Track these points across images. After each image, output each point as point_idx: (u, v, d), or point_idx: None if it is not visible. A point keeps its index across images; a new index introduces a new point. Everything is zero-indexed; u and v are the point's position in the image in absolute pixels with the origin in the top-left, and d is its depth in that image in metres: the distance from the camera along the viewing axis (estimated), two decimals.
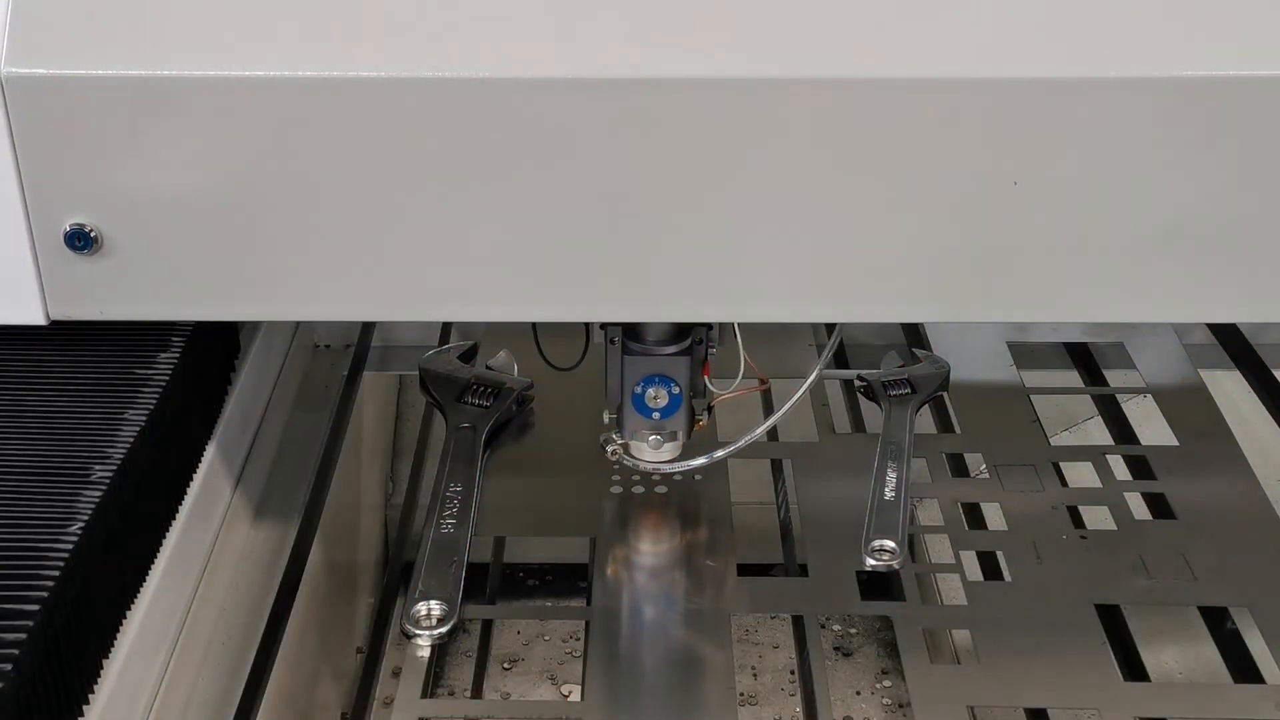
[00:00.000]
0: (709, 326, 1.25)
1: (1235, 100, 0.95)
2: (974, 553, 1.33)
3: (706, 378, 1.28)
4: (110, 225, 0.99)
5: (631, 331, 1.25)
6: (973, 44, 0.95)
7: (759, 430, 1.32)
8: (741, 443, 1.33)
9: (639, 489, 1.36)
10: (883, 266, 1.01)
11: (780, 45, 0.95)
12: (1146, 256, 1.00)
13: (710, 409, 1.32)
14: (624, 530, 1.32)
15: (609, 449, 1.34)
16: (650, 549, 1.31)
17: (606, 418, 1.33)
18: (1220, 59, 0.94)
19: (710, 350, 1.27)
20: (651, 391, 1.26)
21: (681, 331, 1.25)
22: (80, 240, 0.99)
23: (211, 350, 1.29)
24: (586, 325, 1.28)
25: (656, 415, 1.27)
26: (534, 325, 1.34)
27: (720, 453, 1.33)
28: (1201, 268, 1.01)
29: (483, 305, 1.04)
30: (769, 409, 1.42)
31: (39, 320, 1.03)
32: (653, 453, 1.31)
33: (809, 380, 1.29)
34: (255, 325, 1.45)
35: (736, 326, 1.24)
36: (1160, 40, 0.95)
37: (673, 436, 1.30)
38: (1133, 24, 0.95)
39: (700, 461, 1.33)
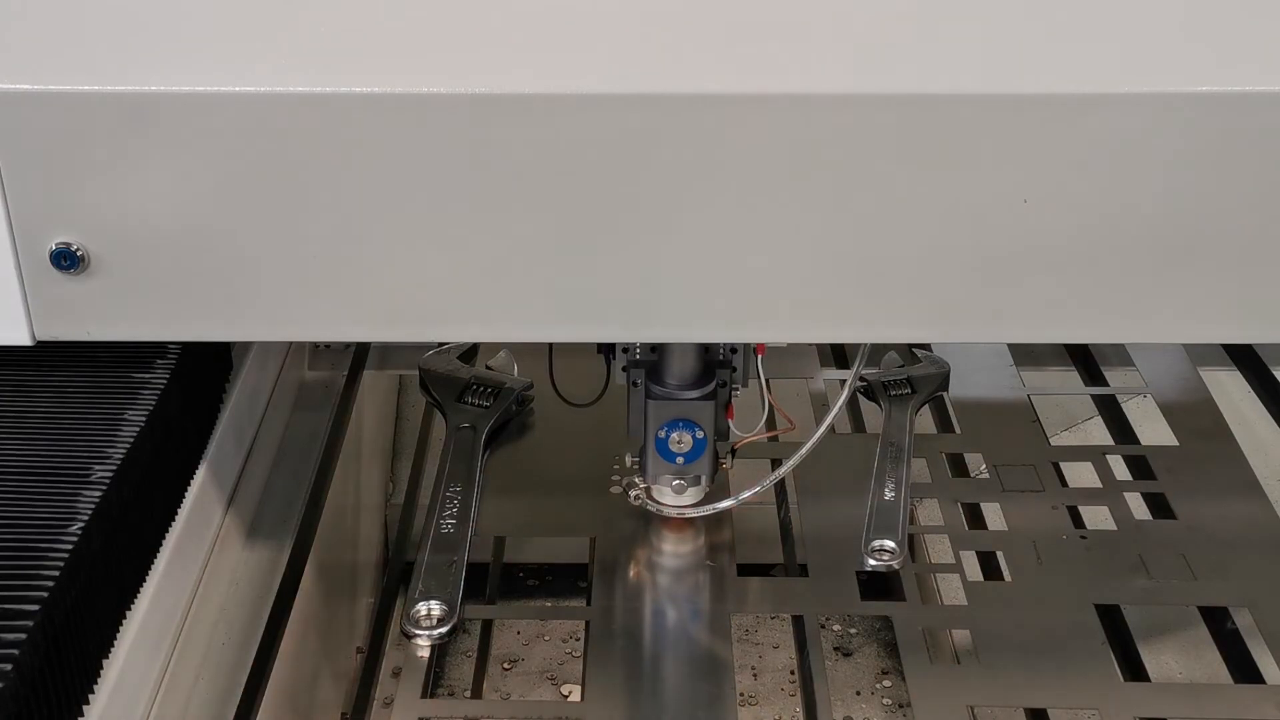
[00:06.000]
0: (732, 368, 1.24)
1: (1248, 117, 0.94)
2: (974, 553, 1.33)
3: (730, 420, 1.26)
4: (97, 245, 0.97)
5: (654, 374, 1.23)
6: (978, 60, 0.93)
7: (801, 453, 1.28)
8: (775, 477, 1.31)
9: (631, 500, 1.36)
10: (890, 287, 0.99)
11: (783, 61, 0.94)
12: (1157, 277, 0.99)
13: (734, 452, 1.31)
14: (624, 530, 1.32)
15: (632, 494, 1.31)
16: (650, 549, 1.31)
17: (629, 460, 1.32)
18: (1232, 74, 0.93)
19: (734, 392, 1.25)
20: (675, 436, 1.24)
21: (705, 374, 1.23)
22: (66, 260, 0.97)
23: (211, 350, 1.29)
24: (608, 363, 1.26)
25: (680, 460, 1.25)
26: (550, 359, 1.32)
27: (746, 493, 1.30)
28: (1212, 288, 0.99)
29: (474, 326, 1.03)
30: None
31: (24, 341, 1.00)
32: (675, 497, 1.29)
33: (842, 397, 1.26)
34: None
35: (761, 370, 1.23)
36: (1172, 56, 0.94)
37: (696, 481, 1.28)
38: (1143, 39, 0.94)
39: (727, 504, 1.30)
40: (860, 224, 0.97)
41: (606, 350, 1.26)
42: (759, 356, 1.24)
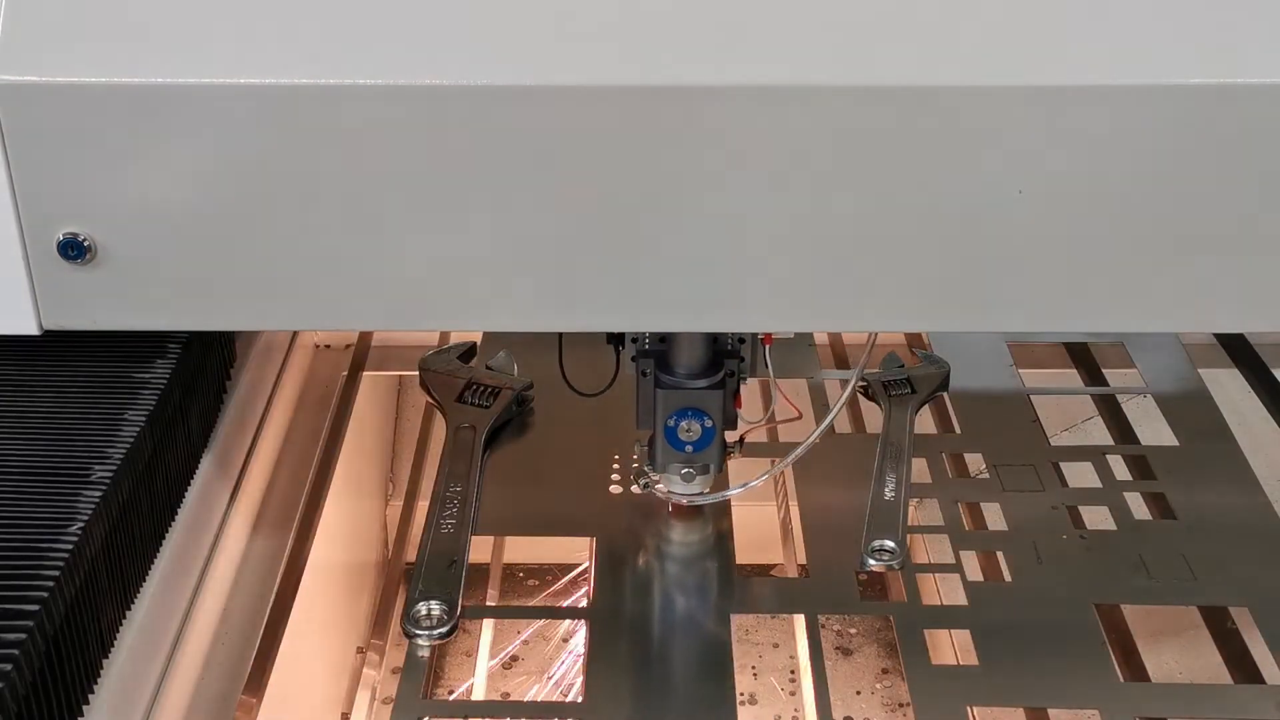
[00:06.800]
0: (740, 358, 1.25)
1: (1238, 108, 0.94)
2: (974, 553, 1.33)
3: (739, 410, 1.27)
4: (104, 234, 0.98)
5: (663, 364, 1.24)
6: (973, 52, 0.94)
7: (798, 451, 1.30)
8: (773, 470, 1.32)
9: (639, 489, 1.36)
10: (885, 277, 0.99)
11: (782, 53, 0.94)
12: (1153, 266, 0.99)
13: (742, 440, 1.31)
14: (624, 530, 1.32)
15: (641, 481, 1.33)
16: (650, 549, 1.31)
17: (637, 450, 1.32)
18: (1225, 66, 0.93)
19: (742, 381, 1.26)
20: (684, 425, 1.24)
21: (713, 364, 1.24)
22: (74, 250, 0.97)
23: (211, 349, 1.29)
24: (617, 353, 1.27)
25: (689, 449, 1.26)
26: (560, 350, 1.33)
27: (755, 481, 1.31)
28: (1207, 277, 1.00)
29: (481, 315, 1.03)
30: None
31: (32, 330, 1.01)
32: (684, 485, 1.29)
33: (845, 393, 1.27)
34: None
35: (769, 359, 1.23)
36: (1164, 47, 0.94)
37: (705, 469, 1.28)
38: (1134, 30, 0.94)
39: (737, 491, 1.31)
40: (866, 214, 0.97)
41: (616, 340, 1.27)
42: (766, 347, 1.24)
